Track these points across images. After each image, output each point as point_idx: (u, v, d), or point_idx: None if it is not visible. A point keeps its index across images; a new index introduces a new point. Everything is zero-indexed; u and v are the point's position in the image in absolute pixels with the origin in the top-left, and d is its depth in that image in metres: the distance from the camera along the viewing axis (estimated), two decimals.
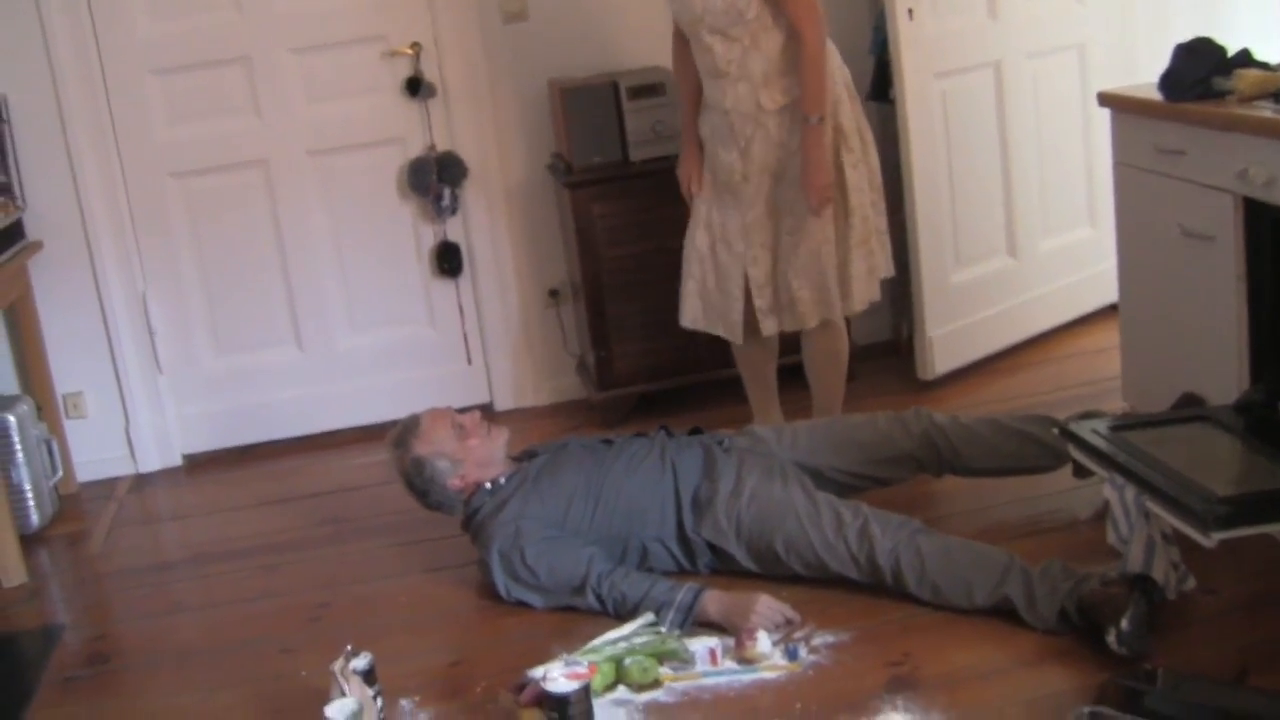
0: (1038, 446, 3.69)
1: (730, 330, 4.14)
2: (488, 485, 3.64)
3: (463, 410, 3.80)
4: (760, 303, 4.07)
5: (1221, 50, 3.59)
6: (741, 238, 4.04)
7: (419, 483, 3.67)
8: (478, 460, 3.65)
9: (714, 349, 4.59)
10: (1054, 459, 3.66)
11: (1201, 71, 3.53)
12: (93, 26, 4.64)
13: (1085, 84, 4.88)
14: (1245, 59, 3.58)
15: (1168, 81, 3.60)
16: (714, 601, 3.30)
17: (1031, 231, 4.94)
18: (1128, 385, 4.08)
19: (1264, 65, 3.58)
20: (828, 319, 4.09)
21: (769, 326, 4.09)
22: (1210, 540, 2.84)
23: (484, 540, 3.58)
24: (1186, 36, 3.72)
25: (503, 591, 3.51)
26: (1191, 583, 3.12)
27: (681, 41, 4.08)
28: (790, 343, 4.29)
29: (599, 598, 3.39)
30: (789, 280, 4.02)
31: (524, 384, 5.10)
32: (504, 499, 3.59)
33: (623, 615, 3.34)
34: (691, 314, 4.20)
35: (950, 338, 4.70)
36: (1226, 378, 3.50)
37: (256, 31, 4.74)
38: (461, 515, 3.70)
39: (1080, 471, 3.58)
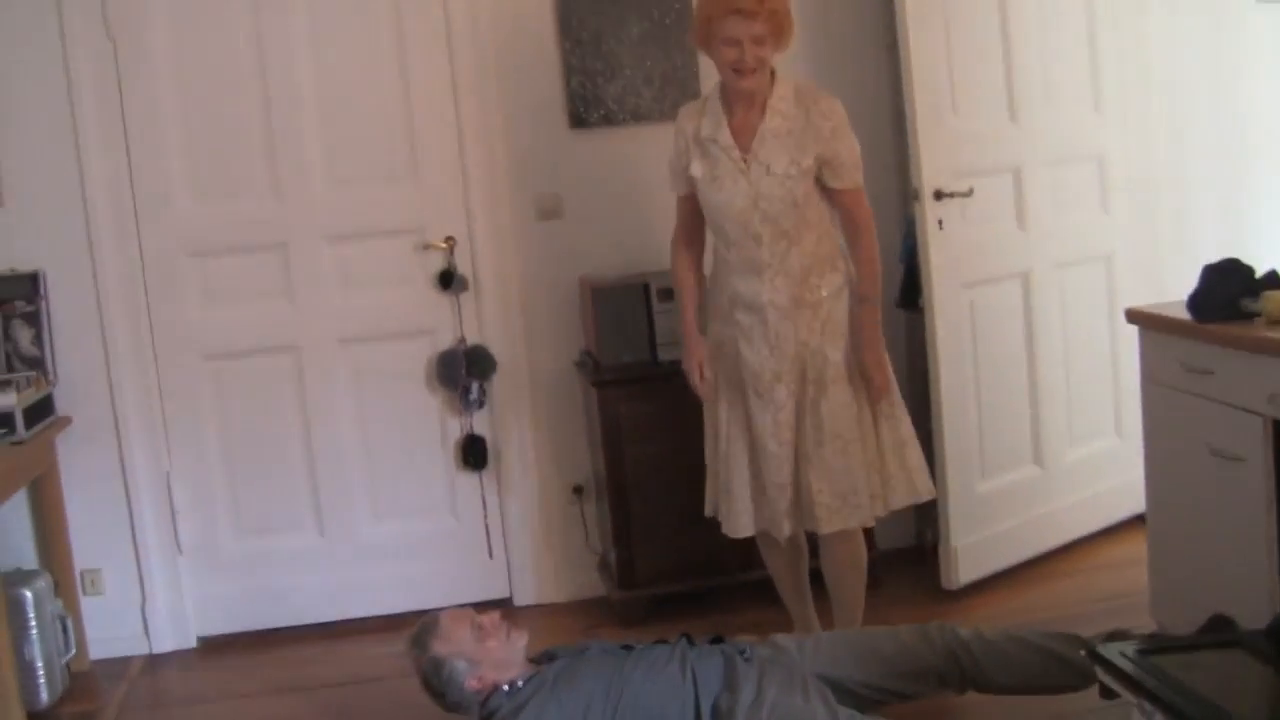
0: (1064, 666, 3.62)
1: (777, 530, 4.06)
2: (505, 688, 3.58)
3: (482, 607, 3.77)
4: (781, 504, 4.04)
5: (1249, 271, 3.62)
6: (773, 437, 4.00)
7: (436, 683, 3.62)
8: (496, 662, 3.59)
9: (737, 551, 4.56)
10: (1081, 679, 3.59)
11: (1230, 293, 3.56)
12: (134, 205, 4.73)
13: (1112, 294, 4.94)
14: (1274, 280, 3.61)
15: (1196, 302, 3.62)
16: None
17: (1058, 441, 4.93)
18: (1156, 603, 4.03)
19: None
20: (846, 528, 4.05)
21: (786, 528, 4.05)
22: None
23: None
24: (1211, 253, 3.77)
25: None
26: None
27: (687, 239, 4.10)
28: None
29: None
30: (809, 482, 3.98)
31: (544, 580, 5.05)
32: (521, 702, 3.53)
33: None
34: (732, 519, 4.11)
35: (975, 547, 4.66)
36: (1258, 600, 3.45)
37: (294, 218, 4.84)
38: (478, 716, 3.65)
39: (1108, 693, 3.51)
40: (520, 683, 3.59)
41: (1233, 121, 5.18)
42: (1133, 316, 3.96)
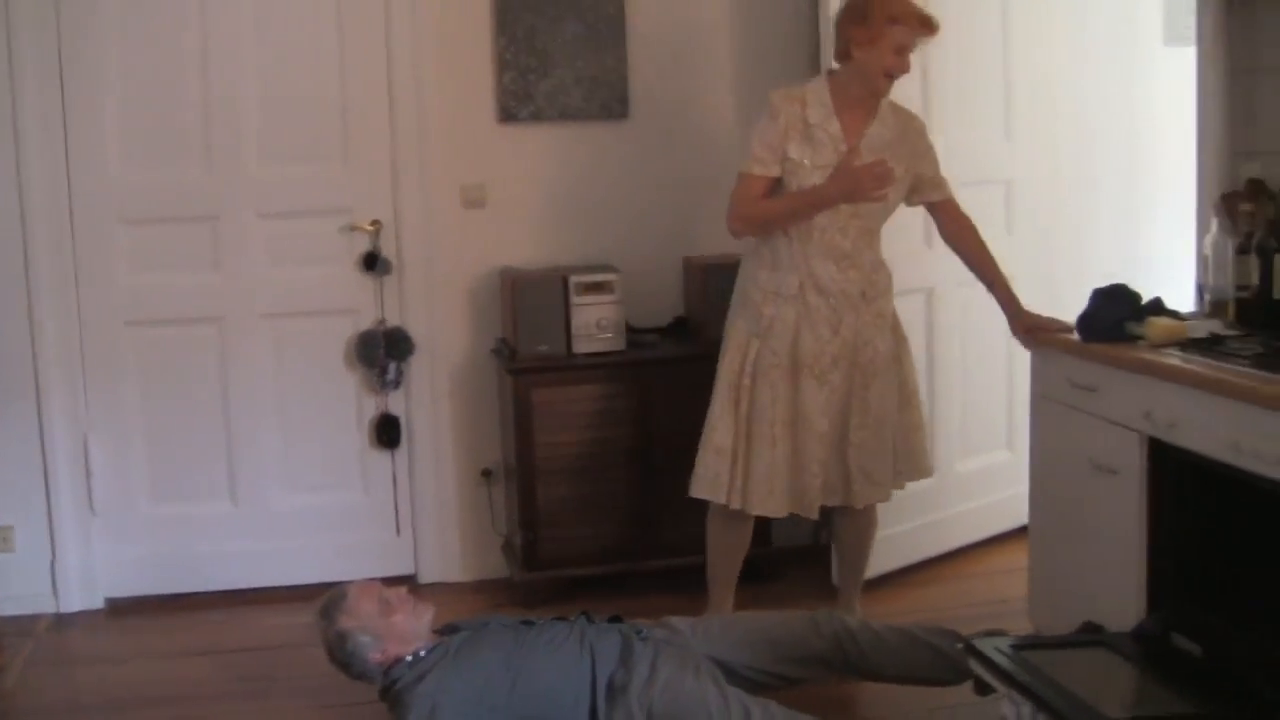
0: (943, 660, 3.82)
1: (809, 509, 4.25)
2: (408, 658, 3.71)
3: (387, 583, 3.89)
4: (818, 481, 4.23)
5: (1135, 297, 3.83)
6: (824, 415, 4.19)
7: (341, 655, 3.74)
8: (400, 636, 3.71)
9: (639, 539, 4.82)
10: (956, 674, 3.78)
11: (1116, 315, 3.77)
12: (67, 168, 4.83)
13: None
14: (1157, 307, 3.83)
15: (1084, 323, 3.83)
16: None
17: (951, 452, 5.14)
18: (1034, 607, 4.23)
19: (1174, 314, 3.84)
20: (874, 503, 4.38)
21: (818, 505, 4.26)
22: None
23: (400, 711, 3.65)
24: (1107, 277, 3.99)
25: None
26: None
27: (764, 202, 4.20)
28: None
29: None
30: (850, 461, 4.23)
31: (449, 559, 5.18)
32: (422, 672, 3.66)
33: None
34: (759, 499, 4.24)
35: None
36: (1127, 607, 3.66)
37: (226, 192, 4.95)
38: (380, 685, 3.77)
39: (982, 689, 3.71)
40: (423, 653, 3.73)
41: (1134, 156, 5.44)
42: None
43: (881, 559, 4.92)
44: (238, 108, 4.91)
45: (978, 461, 5.20)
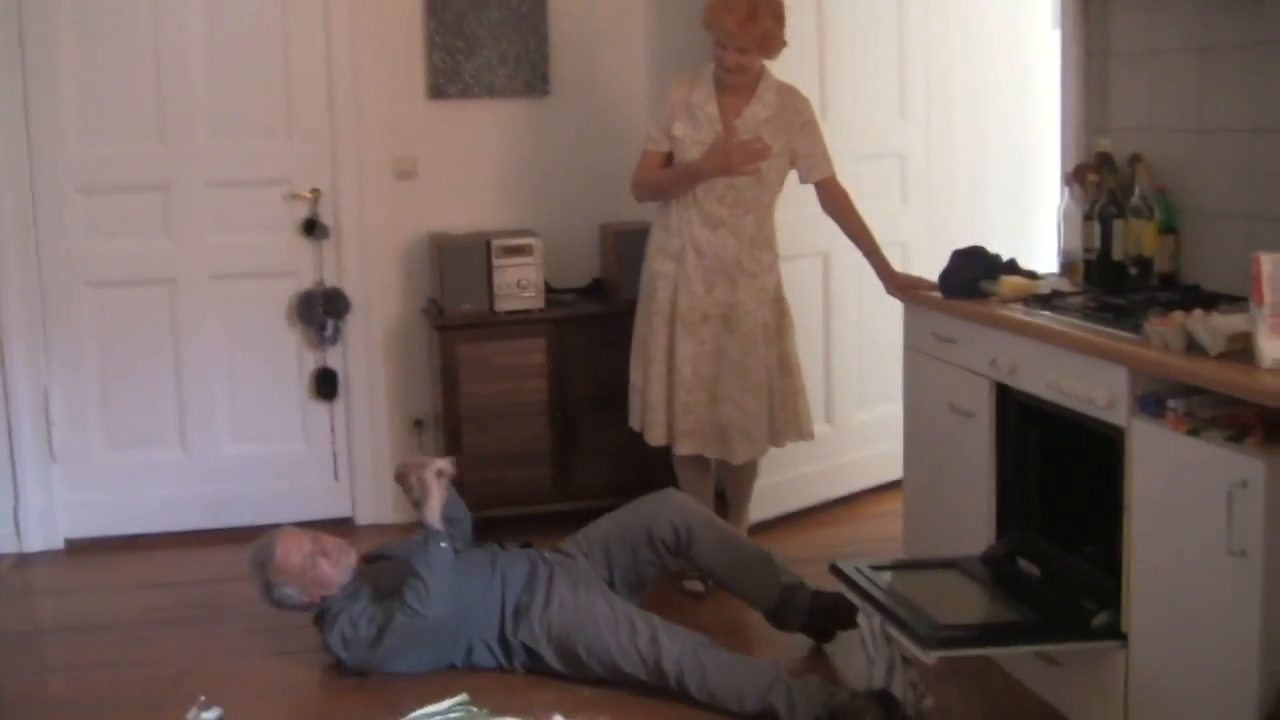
0: (756, 584, 4.27)
1: (678, 444, 4.70)
2: (336, 594, 4.14)
3: (325, 526, 4.36)
4: (683, 424, 4.66)
5: (992, 258, 4.23)
6: (688, 363, 4.62)
7: (271, 601, 4.19)
8: (324, 583, 4.14)
9: (557, 483, 5.28)
10: (761, 598, 4.27)
11: (972, 274, 4.18)
12: (28, 141, 5.19)
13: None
14: (1011, 267, 4.25)
15: (944, 280, 4.24)
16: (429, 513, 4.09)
17: (847, 404, 5.57)
18: (908, 541, 4.63)
19: (1029, 274, 4.25)
20: (752, 460, 4.78)
21: (685, 446, 4.68)
22: (929, 658, 3.42)
23: (329, 622, 4.08)
24: (1000, 243, 4.41)
25: (341, 654, 4.04)
26: (930, 702, 3.65)
27: (654, 172, 4.68)
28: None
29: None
30: (725, 419, 4.64)
31: (384, 502, 5.57)
32: (352, 591, 4.11)
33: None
34: (649, 428, 4.73)
35: (768, 489, 5.24)
36: (980, 536, 4.08)
37: (177, 164, 5.33)
38: (313, 614, 4.18)
39: (778, 623, 4.25)
40: (345, 582, 4.15)
41: (1022, 131, 5.85)
42: None
43: (783, 501, 5.37)
44: (187, 85, 5.29)
45: (872, 413, 5.59)
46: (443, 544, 4.03)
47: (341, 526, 5.49)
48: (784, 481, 5.32)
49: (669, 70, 5.19)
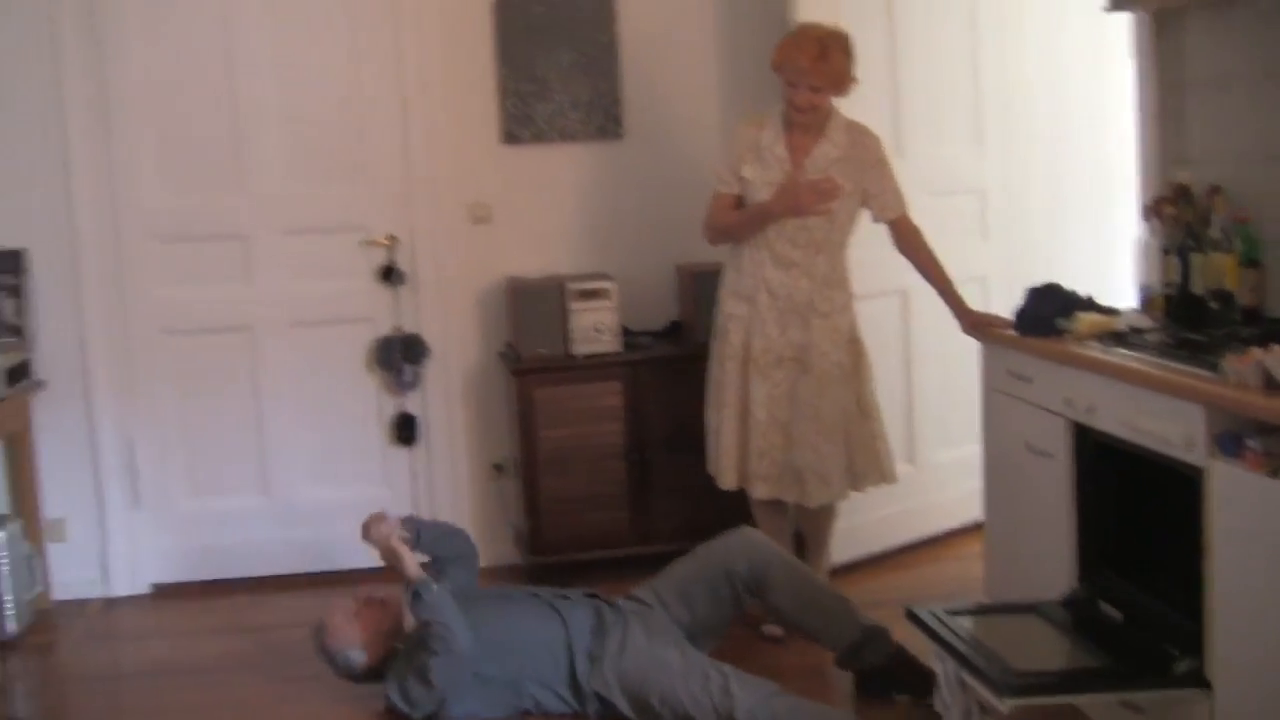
0: (832, 627, 4.19)
1: (753, 487, 4.67)
2: (398, 646, 4.17)
3: None
4: (758, 468, 4.62)
5: (1068, 294, 4.16)
6: (763, 406, 4.59)
7: (341, 672, 4.24)
8: (379, 632, 4.21)
9: (635, 526, 5.26)
10: (833, 640, 4.19)
11: (1047, 311, 4.11)
12: (111, 192, 5.31)
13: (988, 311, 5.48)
14: (1089, 303, 4.17)
15: (1019, 317, 4.18)
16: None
17: (930, 444, 5.50)
18: (989, 585, 4.55)
19: (1107, 310, 4.17)
20: (828, 504, 4.72)
21: (761, 490, 4.64)
22: (1004, 705, 3.33)
23: (390, 673, 4.10)
24: (1080, 279, 4.34)
25: (400, 704, 4.03)
26: None
27: (725, 215, 4.66)
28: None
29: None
30: (799, 462, 4.59)
31: None
32: (417, 641, 4.11)
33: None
34: (721, 472, 4.70)
35: (849, 531, 5.18)
36: (1061, 579, 4.00)
37: (255, 212, 5.41)
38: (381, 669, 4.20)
39: (864, 686, 4.18)
40: (409, 630, 4.16)
41: (1104, 165, 5.75)
42: None
43: (865, 543, 5.30)
44: (263, 136, 5.38)
45: (956, 452, 5.48)
46: (433, 588, 4.04)
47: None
48: (865, 523, 5.26)
49: (741, 112, 5.18)
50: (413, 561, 4.14)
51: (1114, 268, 5.43)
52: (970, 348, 5.42)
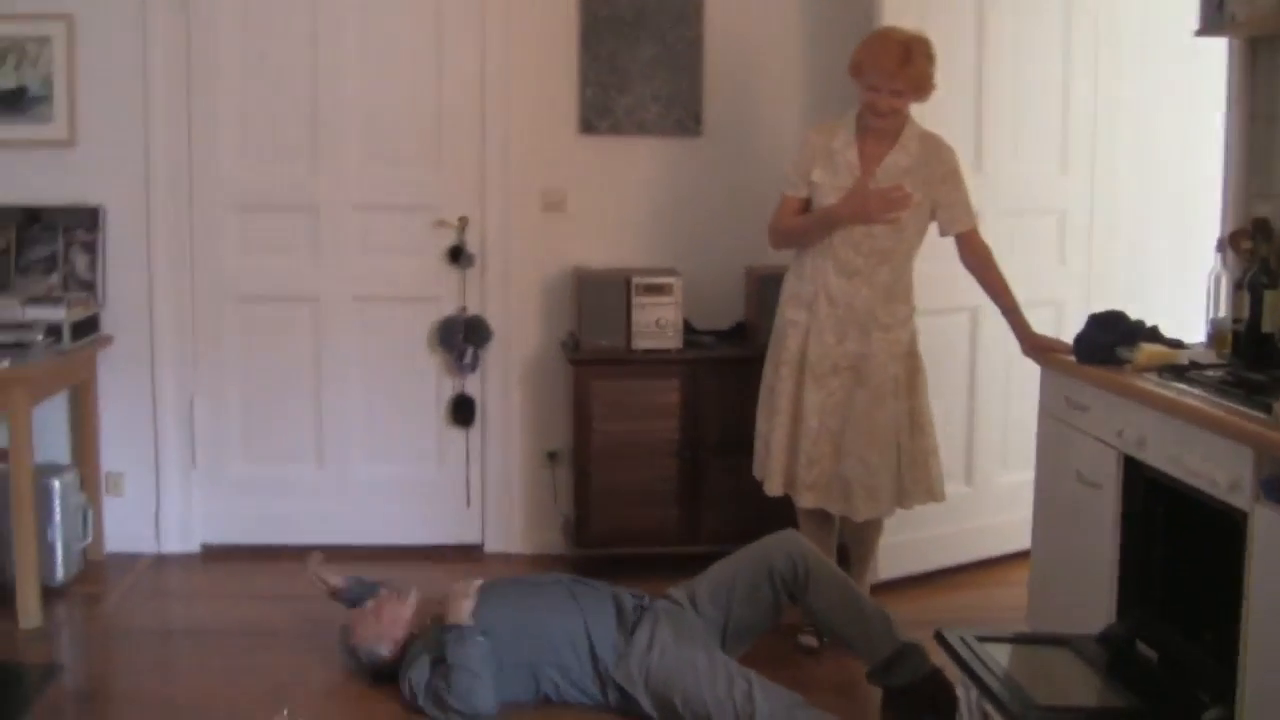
0: (867, 636, 4.12)
1: (800, 496, 4.60)
2: (416, 630, 4.21)
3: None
4: (807, 476, 4.57)
5: (1133, 324, 4.06)
6: (815, 414, 4.54)
7: (368, 668, 4.27)
8: (398, 622, 4.23)
9: (685, 525, 5.24)
10: (869, 651, 4.12)
11: (1108, 340, 4.01)
12: (189, 158, 5.38)
13: (1060, 336, 5.37)
14: (1153, 334, 4.07)
15: (1078, 344, 4.09)
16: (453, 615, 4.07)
17: (991, 465, 5.40)
18: (1032, 614, 4.46)
19: (1173, 342, 4.07)
20: (875, 518, 4.66)
21: (808, 499, 4.58)
22: None
23: (403, 666, 4.12)
24: (1162, 308, 4.30)
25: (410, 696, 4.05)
26: None
27: (791, 218, 4.61)
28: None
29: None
30: (848, 474, 4.53)
31: (513, 531, 5.61)
32: (425, 635, 4.16)
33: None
34: (769, 478, 4.64)
35: (900, 547, 5.14)
36: (1102, 612, 3.91)
37: (327, 186, 5.45)
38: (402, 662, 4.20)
39: (883, 679, 4.11)
40: (428, 620, 4.21)
41: (1192, 196, 5.60)
42: None
43: (914, 561, 5.24)
44: (341, 110, 5.42)
45: (1016, 476, 5.35)
46: (479, 638, 4.02)
47: (470, 553, 5.57)
48: (916, 540, 5.19)
49: (822, 114, 5.13)
50: (467, 611, 4.09)
51: (1192, 301, 5.28)
52: (1036, 373, 5.37)
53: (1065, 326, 5.34)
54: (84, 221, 5.27)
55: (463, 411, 5.53)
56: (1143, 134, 5.61)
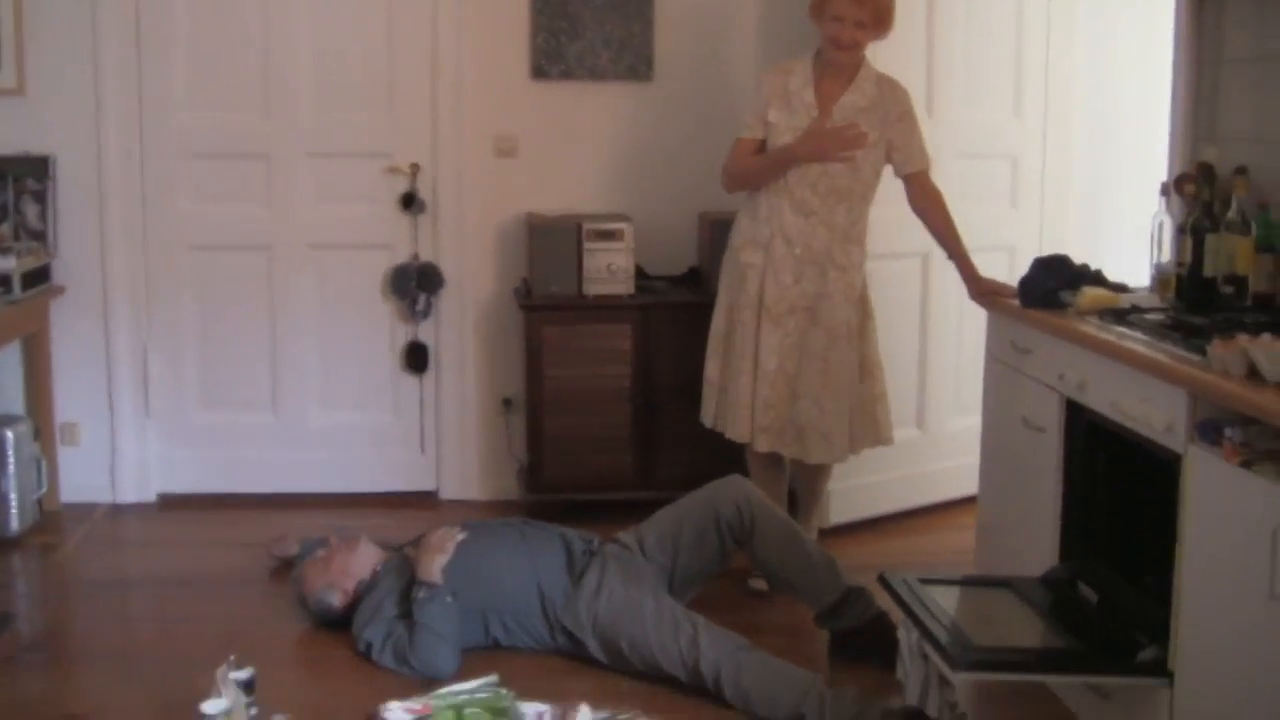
0: (811, 580, 4.17)
1: (756, 440, 4.62)
2: (367, 577, 4.21)
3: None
4: (762, 420, 4.58)
5: (1076, 268, 4.08)
6: (774, 355, 4.55)
7: (320, 616, 4.28)
8: (347, 571, 4.24)
9: (638, 471, 5.27)
10: (815, 598, 4.17)
11: (1051, 283, 4.03)
12: (140, 106, 5.34)
13: (1011, 282, 5.39)
14: (1096, 278, 4.09)
15: (1022, 288, 4.10)
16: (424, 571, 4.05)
17: (942, 411, 5.44)
18: (979, 558, 4.50)
19: (1116, 286, 4.09)
20: (826, 463, 4.69)
21: (762, 443, 4.60)
22: (955, 677, 3.31)
23: (363, 619, 4.12)
24: (1116, 254, 4.27)
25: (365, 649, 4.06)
26: None
27: (746, 159, 4.61)
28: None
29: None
30: (802, 418, 4.55)
31: (469, 478, 5.62)
32: (376, 581, 4.18)
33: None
34: (731, 425, 4.66)
35: (851, 491, 5.18)
36: (1045, 557, 3.95)
37: (279, 134, 5.43)
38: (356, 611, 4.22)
39: (835, 650, 4.15)
40: (378, 567, 4.23)
41: (1149, 140, 5.60)
42: None
43: (863, 505, 5.28)
44: (293, 57, 5.39)
45: (967, 421, 5.36)
46: (446, 598, 4.02)
47: (426, 500, 5.59)
48: (867, 485, 5.23)
49: (776, 59, 5.10)
50: (438, 567, 4.08)
51: (1143, 246, 5.30)
52: (985, 319, 5.39)
53: (1017, 272, 5.25)
54: (34, 170, 5.24)
55: (416, 358, 5.54)
56: (1096, 78, 5.62)
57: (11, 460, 5.01)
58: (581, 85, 5.45)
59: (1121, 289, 4.11)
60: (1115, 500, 3.79)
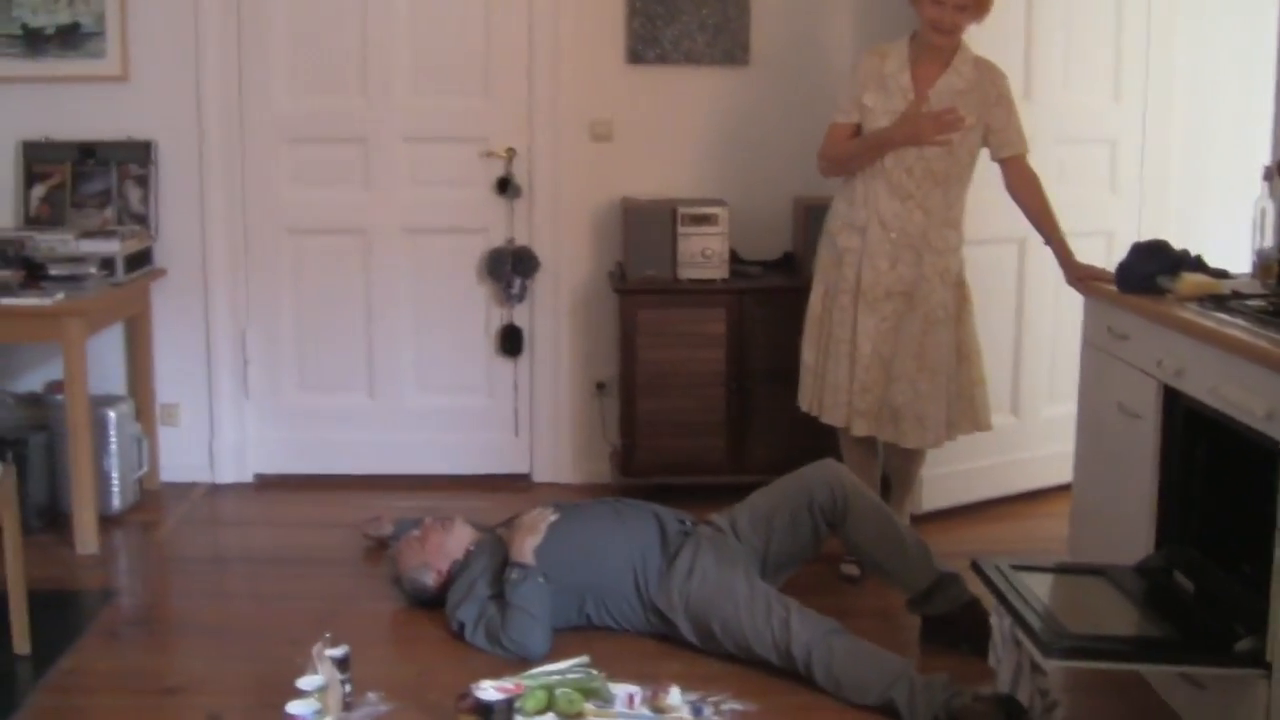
0: (905, 566, 4.16)
1: (854, 425, 4.61)
2: (459, 558, 4.26)
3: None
4: (859, 404, 4.58)
5: (1176, 253, 4.02)
6: (869, 340, 4.54)
7: (415, 596, 4.33)
8: (442, 552, 4.29)
9: (730, 455, 5.27)
10: (907, 584, 4.16)
11: (1150, 269, 3.98)
12: (239, 91, 5.43)
13: (1110, 267, 5.32)
14: (1196, 263, 4.03)
15: (1120, 274, 4.06)
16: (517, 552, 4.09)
17: (1038, 397, 5.38)
18: (1073, 545, 4.46)
19: (1217, 272, 4.04)
20: (920, 448, 4.67)
21: (859, 427, 4.59)
22: (1047, 664, 3.29)
23: (456, 599, 4.16)
24: (1203, 239, 4.24)
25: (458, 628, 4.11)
26: (1062, 713, 3.53)
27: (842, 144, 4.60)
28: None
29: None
30: (898, 400, 4.54)
31: (561, 461, 5.66)
32: (469, 563, 4.22)
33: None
34: (829, 410, 4.65)
35: (945, 478, 5.15)
36: (1142, 544, 3.90)
37: (377, 118, 5.49)
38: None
39: (927, 634, 4.14)
40: (471, 547, 4.27)
41: (1251, 123, 5.52)
42: None
43: (956, 491, 5.24)
44: (391, 42, 5.44)
45: (1063, 408, 5.33)
46: (539, 579, 4.06)
47: (519, 483, 5.64)
48: (961, 471, 5.19)
49: (873, 43, 5.07)
50: (530, 548, 4.12)
51: (1245, 232, 5.23)
52: (1082, 305, 5.33)
53: (1115, 257, 5.17)
54: (137, 156, 5.35)
55: (511, 342, 5.57)
56: (1197, 61, 5.52)
57: (114, 440, 5.12)
58: (677, 70, 5.46)
59: (1222, 275, 4.04)
60: (1212, 488, 3.72)
